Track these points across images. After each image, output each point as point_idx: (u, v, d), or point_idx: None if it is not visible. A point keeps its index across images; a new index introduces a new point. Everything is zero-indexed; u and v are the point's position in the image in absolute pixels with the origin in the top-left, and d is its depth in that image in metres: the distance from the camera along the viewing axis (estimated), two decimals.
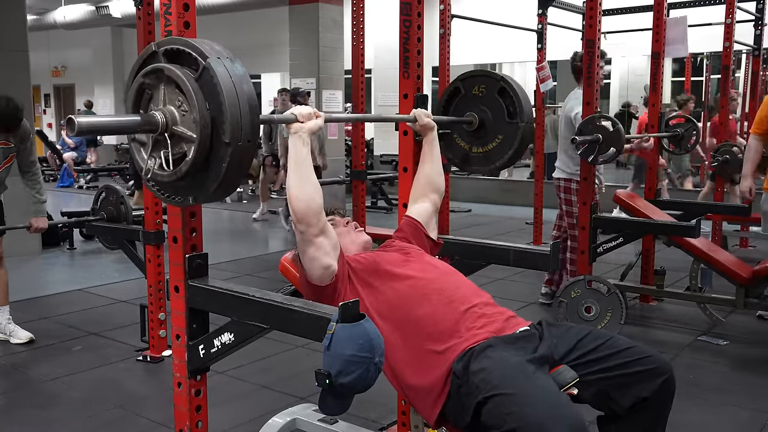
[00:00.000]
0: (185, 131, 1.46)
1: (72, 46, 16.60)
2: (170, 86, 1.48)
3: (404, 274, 1.98)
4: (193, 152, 1.44)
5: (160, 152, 1.51)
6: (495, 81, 2.41)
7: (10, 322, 4.03)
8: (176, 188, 1.55)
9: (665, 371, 1.78)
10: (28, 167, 3.95)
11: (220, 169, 1.45)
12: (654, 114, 4.74)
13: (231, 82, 1.43)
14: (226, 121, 1.41)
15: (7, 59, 5.59)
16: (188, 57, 1.47)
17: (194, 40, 1.49)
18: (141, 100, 1.54)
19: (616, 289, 3.90)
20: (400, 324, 1.88)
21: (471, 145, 2.50)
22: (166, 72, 1.47)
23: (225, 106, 1.41)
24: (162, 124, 1.48)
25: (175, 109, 1.47)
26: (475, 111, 2.45)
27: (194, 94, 1.42)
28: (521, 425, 1.53)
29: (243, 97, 1.44)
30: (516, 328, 1.87)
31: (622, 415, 1.80)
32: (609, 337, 1.84)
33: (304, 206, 1.80)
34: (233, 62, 1.47)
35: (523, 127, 2.36)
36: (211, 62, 1.43)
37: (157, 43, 1.53)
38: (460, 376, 1.74)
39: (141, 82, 1.52)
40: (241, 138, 1.43)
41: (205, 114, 1.42)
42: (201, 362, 1.86)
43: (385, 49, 11.35)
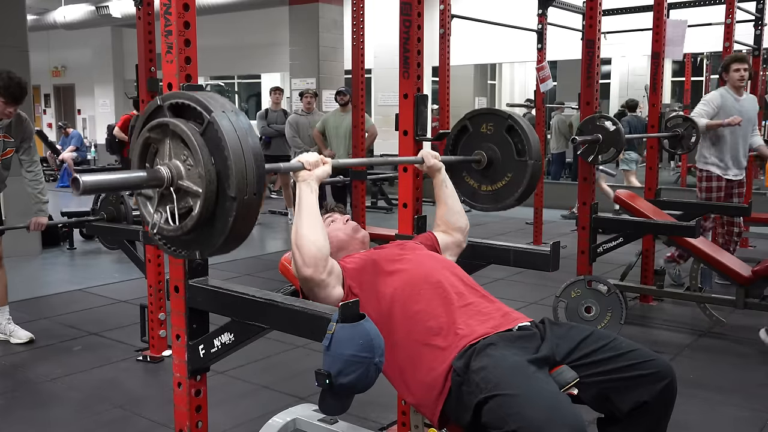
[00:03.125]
0: (191, 186, 1.45)
1: (72, 46, 16.61)
2: (175, 140, 1.47)
3: (399, 269, 1.98)
4: (199, 207, 1.43)
5: (165, 207, 1.50)
6: (503, 119, 2.40)
7: (10, 322, 4.03)
8: (183, 242, 1.54)
9: (667, 376, 1.77)
10: (30, 167, 3.95)
11: (226, 223, 1.44)
12: (654, 114, 4.74)
13: (236, 135, 1.42)
14: (231, 176, 1.40)
15: (7, 59, 5.58)
16: (193, 111, 1.46)
17: (199, 94, 1.48)
18: (147, 153, 1.54)
19: (616, 289, 3.90)
20: (399, 321, 1.88)
21: (480, 184, 2.48)
22: (171, 127, 1.46)
23: (230, 160, 1.40)
24: (167, 179, 1.47)
25: (180, 163, 1.47)
26: (483, 149, 2.44)
27: (199, 149, 1.41)
28: (522, 426, 1.53)
29: (248, 150, 1.42)
30: (514, 323, 1.87)
31: (621, 418, 1.80)
32: (611, 339, 1.84)
33: (315, 252, 1.79)
34: (237, 115, 1.45)
35: (532, 165, 2.35)
36: (216, 116, 1.42)
37: (162, 97, 1.53)
38: (461, 374, 1.74)
39: (146, 137, 1.52)
40: (247, 192, 1.42)
41: (210, 168, 1.42)
42: (201, 362, 1.86)
43: (385, 49, 11.36)
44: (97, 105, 16.74)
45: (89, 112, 17.24)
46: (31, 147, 3.98)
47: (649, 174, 4.81)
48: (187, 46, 1.69)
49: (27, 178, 3.96)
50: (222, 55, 13.96)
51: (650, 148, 4.89)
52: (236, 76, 17.31)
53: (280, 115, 8.18)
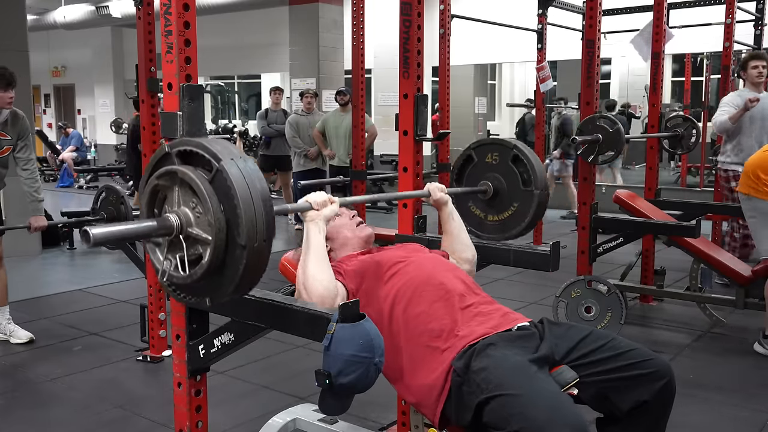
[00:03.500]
0: (200, 233, 1.44)
1: (72, 46, 16.59)
2: (184, 188, 1.46)
3: (401, 270, 1.98)
4: (209, 255, 1.42)
5: (175, 254, 1.50)
6: (508, 149, 2.40)
7: (10, 322, 4.03)
8: (193, 290, 1.53)
9: (666, 375, 1.77)
10: (25, 165, 3.95)
11: (236, 271, 1.42)
12: (654, 114, 4.74)
13: (245, 183, 1.41)
14: (241, 224, 1.39)
15: (7, 59, 5.58)
16: (201, 158, 1.46)
17: (207, 140, 1.47)
18: (155, 200, 1.54)
19: (616, 289, 3.90)
20: (400, 322, 1.88)
21: (486, 214, 2.48)
22: (179, 175, 1.45)
23: (240, 209, 1.39)
24: (177, 227, 1.46)
25: (189, 210, 1.46)
26: (489, 179, 2.44)
27: (208, 198, 1.41)
28: (524, 426, 1.54)
29: (257, 197, 1.42)
30: (513, 323, 1.87)
31: (621, 417, 1.80)
32: (610, 339, 1.84)
33: (322, 291, 1.78)
34: (246, 162, 1.45)
35: (539, 194, 2.35)
36: (225, 164, 1.41)
37: (170, 144, 1.52)
38: (461, 374, 1.74)
39: (155, 184, 1.51)
40: (257, 239, 1.41)
41: (219, 217, 1.41)
42: (201, 362, 1.86)
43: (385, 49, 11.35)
44: (97, 105, 16.72)
45: (89, 112, 17.22)
46: (28, 145, 3.98)
47: (649, 174, 4.80)
48: (187, 46, 1.69)
49: (23, 176, 3.96)
50: (222, 55, 13.96)
51: (650, 149, 4.89)
52: (236, 76, 17.30)
53: (280, 115, 8.18)
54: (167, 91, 1.70)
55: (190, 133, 1.68)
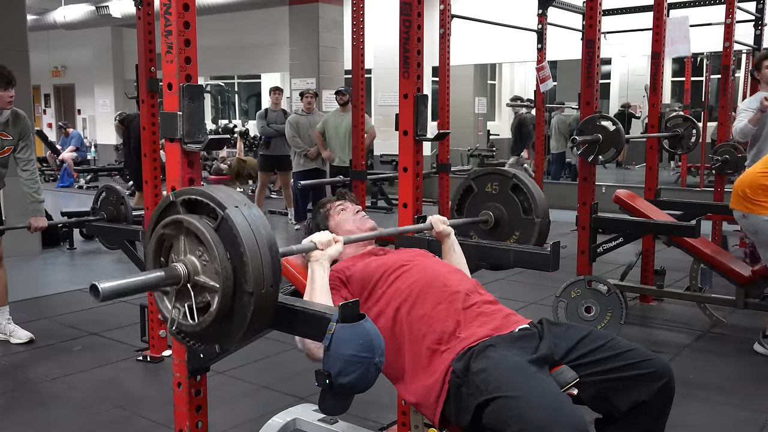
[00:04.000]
0: (207, 281, 1.45)
1: (72, 46, 16.59)
2: (190, 237, 1.48)
3: (406, 272, 1.98)
4: (217, 303, 1.44)
5: (183, 303, 1.50)
6: (507, 178, 2.42)
7: (10, 322, 4.03)
8: (202, 337, 1.54)
9: (665, 375, 1.77)
10: (26, 166, 3.95)
11: (244, 318, 1.44)
12: (654, 114, 4.74)
13: (250, 230, 1.42)
14: (248, 271, 1.40)
15: (7, 59, 5.58)
16: (206, 206, 1.47)
17: (211, 189, 1.48)
18: (161, 249, 1.55)
19: (616, 289, 3.90)
20: (404, 324, 1.89)
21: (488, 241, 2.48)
22: (185, 224, 1.47)
23: (246, 256, 1.40)
24: (184, 276, 1.47)
25: (196, 258, 1.47)
26: (489, 209, 2.45)
27: (215, 246, 1.42)
28: (524, 428, 1.54)
29: (263, 244, 1.43)
30: (515, 326, 1.87)
31: (620, 418, 1.80)
32: (609, 339, 1.84)
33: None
34: (250, 209, 1.46)
35: (540, 222, 2.37)
36: (230, 212, 1.42)
37: (174, 194, 1.53)
38: (460, 376, 1.74)
39: (161, 234, 1.53)
40: (264, 285, 1.42)
41: (226, 264, 1.42)
42: (201, 362, 1.86)
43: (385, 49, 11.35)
44: (97, 105, 16.71)
45: (89, 112, 17.22)
46: (29, 146, 3.98)
47: (649, 174, 4.80)
48: (187, 46, 1.69)
49: (23, 177, 3.95)
50: (222, 55, 13.95)
51: (650, 149, 4.89)
52: (236, 76, 17.30)
53: (279, 115, 8.18)
54: (167, 91, 1.70)
55: (190, 133, 1.68)
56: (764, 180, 3.47)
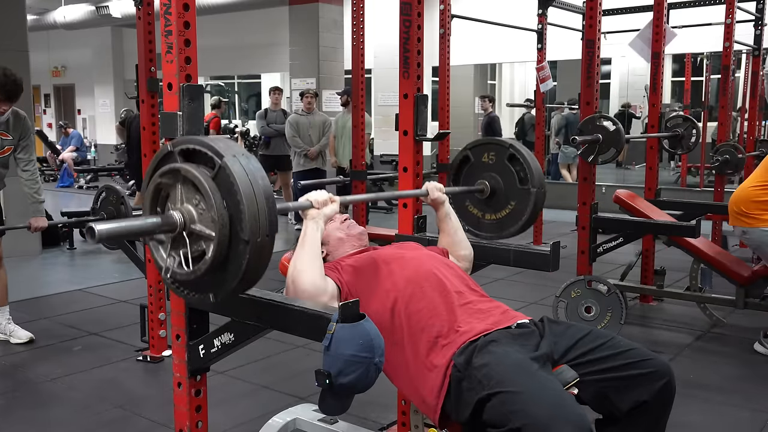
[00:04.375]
0: (203, 230, 1.45)
1: (72, 46, 16.59)
2: (187, 185, 1.47)
3: (400, 267, 1.99)
4: (212, 251, 1.43)
5: (178, 251, 1.50)
6: (504, 148, 2.41)
7: (10, 322, 4.03)
8: (196, 286, 1.54)
9: (665, 375, 1.77)
10: (26, 166, 3.95)
11: (239, 266, 1.44)
12: (654, 114, 4.74)
13: (248, 179, 1.42)
14: (244, 219, 1.40)
15: (7, 59, 5.58)
16: (203, 155, 1.47)
17: (209, 138, 1.48)
18: (158, 198, 1.54)
19: (616, 289, 3.90)
20: (401, 319, 1.89)
21: (484, 213, 2.49)
22: (182, 172, 1.47)
23: (243, 204, 1.40)
24: (180, 224, 1.47)
25: (192, 207, 1.47)
26: (485, 178, 2.45)
27: (212, 194, 1.42)
28: (526, 423, 1.53)
29: (260, 194, 1.43)
30: (513, 320, 1.88)
31: (620, 418, 1.80)
32: (610, 338, 1.84)
33: (310, 290, 1.81)
34: (248, 159, 1.46)
35: (535, 193, 2.36)
36: (228, 161, 1.42)
37: (172, 143, 1.53)
38: (461, 370, 1.74)
39: (158, 183, 1.52)
40: (260, 234, 1.42)
41: (222, 213, 1.42)
42: (201, 362, 1.86)
43: (385, 49, 11.35)
44: (97, 105, 16.72)
45: (89, 112, 17.23)
46: (29, 146, 3.97)
47: (649, 174, 4.80)
48: (187, 46, 1.69)
49: (23, 177, 3.95)
50: (222, 55, 13.96)
51: (650, 149, 4.89)
52: (236, 76, 17.30)
53: (279, 115, 8.18)
54: (167, 91, 1.70)
55: (190, 132, 1.68)
56: (755, 194, 3.53)
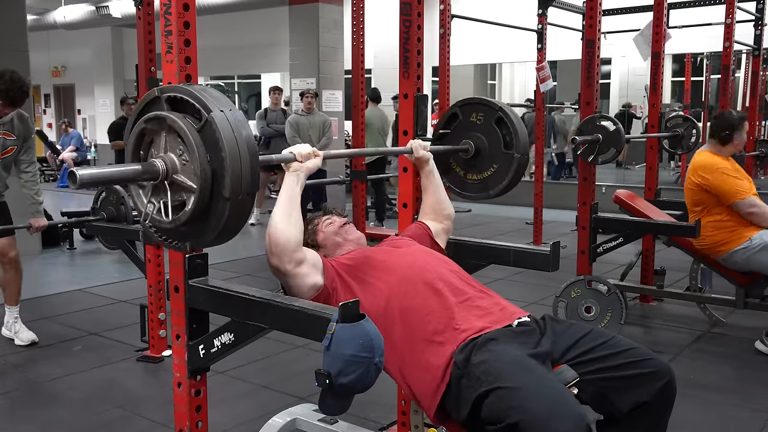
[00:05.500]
0: (185, 181, 1.45)
1: (72, 46, 16.59)
2: (172, 135, 1.47)
3: (394, 264, 1.98)
4: (193, 203, 1.44)
5: (159, 199, 1.51)
6: (493, 110, 2.41)
7: (17, 321, 4.01)
8: (174, 234, 1.55)
9: (665, 375, 1.77)
10: (27, 167, 3.95)
11: (219, 221, 1.44)
12: (654, 114, 4.74)
13: (233, 135, 1.42)
14: (226, 176, 1.40)
15: (7, 59, 5.58)
16: (191, 106, 1.46)
17: (197, 89, 1.48)
18: (142, 143, 1.54)
19: (616, 289, 3.90)
20: (396, 316, 1.88)
21: (467, 172, 2.50)
22: (168, 121, 1.46)
23: (227, 161, 1.40)
24: (162, 173, 1.47)
25: (175, 157, 1.47)
26: (471, 138, 2.45)
27: (196, 147, 1.41)
28: (524, 419, 1.53)
29: (244, 151, 1.42)
30: (512, 318, 1.87)
31: (621, 418, 1.79)
32: (610, 337, 1.84)
33: (283, 242, 1.81)
34: (234, 112, 1.46)
35: (518, 159, 2.37)
36: (215, 115, 1.41)
37: (160, 89, 1.53)
38: (461, 367, 1.74)
39: (142, 127, 1.52)
40: (241, 192, 1.43)
41: (206, 167, 1.42)
42: (201, 362, 1.86)
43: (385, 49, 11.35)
44: (97, 105, 16.72)
45: (89, 112, 17.23)
46: (32, 147, 3.98)
47: (649, 174, 4.80)
48: (187, 46, 1.69)
49: (23, 178, 3.95)
50: (222, 55, 13.96)
51: (650, 149, 4.89)
52: (236, 76, 17.30)
53: (279, 115, 8.18)
54: None
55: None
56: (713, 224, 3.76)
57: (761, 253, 3.66)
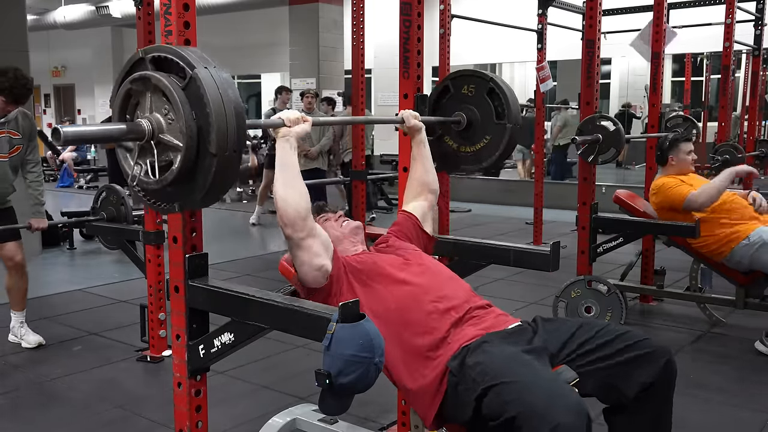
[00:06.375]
0: (171, 140, 1.46)
1: (72, 46, 16.61)
2: (157, 94, 1.48)
3: (403, 279, 1.98)
4: (179, 162, 1.44)
5: (146, 160, 1.51)
6: (485, 81, 2.41)
7: (23, 325, 3.99)
8: (162, 195, 1.55)
9: (665, 353, 1.78)
10: (33, 167, 3.94)
11: (206, 179, 1.45)
12: (654, 114, 4.74)
13: (218, 91, 1.42)
14: (212, 132, 1.41)
15: (7, 59, 5.58)
16: (175, 65, 1.47)
17: (181, 48, 1.48)
18: (127, 105, 1.55)
19: (616, 289, 3.90)
20: (394, 326, 1.88)
21: (459, 145, 2.50)
22: (153, 81, 1.47)
23: (212, 117, 1.41)
24: (148, 133, 1.47)
25: (161, 116, 1.47)
26: (463, 111, 2.45)
27: (181, 105, 1.42)
28: (522, 411, 1.53)
29: (229, 106, 1.43)
30: (507, 324, 1.88)
31: (628, 404, 1.79)
32: (603, 326, 1.85)
33: (291, 210, 1.82)
34: (219, 70, 1.46)
35: (510, 129, 2.37)
36: (199, 72, 1.42)
37: (144, 50, 1.53)
38: (456, 374, 1.74)
39: (128, 88, 1.52)
40: (227, 148, 1.43)
41: (191, 124, 1.42)
42: (201, 362, 1.86)
43: (385, 49, 11.35)
44: (97, 105, 16.73)
45: (89, 112, 17.24)
46: (36, 147, 3.97)
47: (649, 174, 4.80)
48: (187, 45, 1.69)
49: (28, 179, 3.94)
50: (222, 55, 13.95)
51: (650, 149, 4.88)
52: (236, 76, 17.32)
53: None
54: None
55: None
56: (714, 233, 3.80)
57: (761, 251, 3.66)
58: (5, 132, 3.76)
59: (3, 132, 3.75)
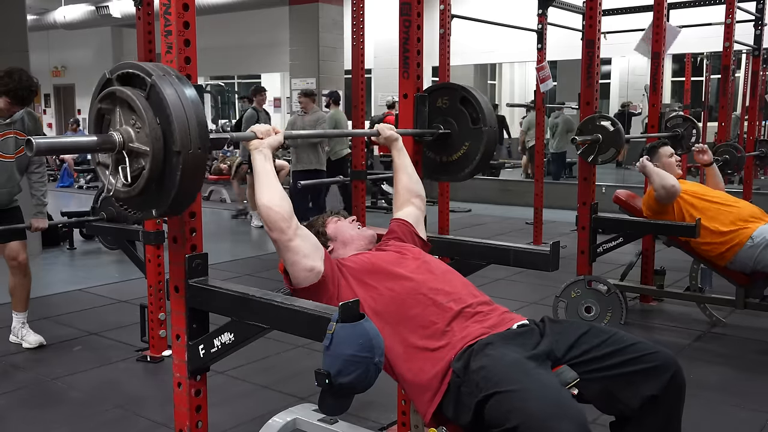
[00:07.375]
0: (140, 146, 1.55)
1: (72, 46, 16.61)
2: (124, 107, 1.58)
3: (401, 274, 1.98)
4: (149, 164, 1.53)
5: (119, 170, 1.60)
6: (456, 91, 2.44)
7: (24, 326, 3.99)
8: (139, 203, 1.64)
9: (671, 367, 1.75)
10: (38, 168, 3.94)
11: (175, 178, 1.53)
12: (654, 114, 4.74)
13: (176, 95, 1.53)
14: (175, 131, 1.51)
15: (7, 59, 5.58)
16: (138, 78, 1.57)
17: (143, 63, 1.59)
18: (101, 125, 1.64)
19: (616, 289, 3.90)
20: (394, 322, 1.88)
21: (440, 156, 2.52)
22: (118, 94, 1.57)
23: (172, 117, 1.51)
24: (119, 143, 1.57)
25: (130, 128, 1.57)
26: (440, 123, 2.47)
27: (144, 111, 1.52)
28: (524, 421, 1.53)
29: (189, 108, 1.53)
30: (511, 323, 1.87)
31: (631, 416, 1.77)
32: (612, 334, 1.82)
33: (274, 213, 1.85)
34: (179, 78, 1.56)
35: (487, 131, 2.39)
36: (156, 80, 1.52)
37: (110, 70, 1.64)
38: (460, 375, 1.74)
39: (98, 108, 1.63)
40: (191, 146, 1.52)
41: (155, 127, 1.52)
42: (201, 362, 1.86)
43: (385, 49, 11.36)
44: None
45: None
46: None
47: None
48: (187, 46, 1.69)
49: (32, 179, 3.94)
50: (222, 55, 13.98)
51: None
52: (236, 76, 17.32)
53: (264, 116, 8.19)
54: None
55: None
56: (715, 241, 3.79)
57: (766, 251, 3.65)
58: (11, 132, 3.77)
59: (9, 132, 3.76)
